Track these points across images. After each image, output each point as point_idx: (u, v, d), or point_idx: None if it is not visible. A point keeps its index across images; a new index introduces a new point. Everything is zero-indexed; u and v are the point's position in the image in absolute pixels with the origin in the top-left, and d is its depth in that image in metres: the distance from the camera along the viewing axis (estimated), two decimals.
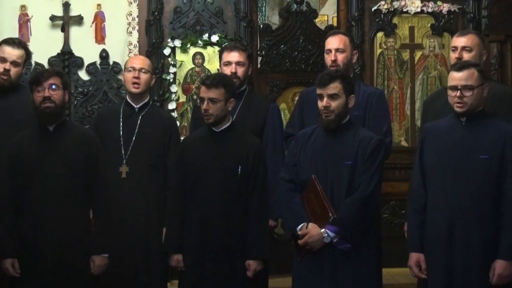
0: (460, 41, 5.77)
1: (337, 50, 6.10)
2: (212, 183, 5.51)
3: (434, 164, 5.08)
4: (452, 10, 8.28)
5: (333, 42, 6.16)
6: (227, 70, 6.22)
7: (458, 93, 4.92)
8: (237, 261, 5.47)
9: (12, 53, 6.14)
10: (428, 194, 5.10)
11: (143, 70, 6.20)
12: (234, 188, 5.50)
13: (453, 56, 5.75)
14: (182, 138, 6.37)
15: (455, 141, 5.00)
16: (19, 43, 6.35)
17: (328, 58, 6.12)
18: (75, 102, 7.79)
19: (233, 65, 6.24)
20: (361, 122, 5.75)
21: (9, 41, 6.29)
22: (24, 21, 7.96)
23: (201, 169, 5.54)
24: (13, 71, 6.13)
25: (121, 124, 6.22)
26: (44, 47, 7.94)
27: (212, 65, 7.81)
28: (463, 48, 5.69)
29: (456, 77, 4.96)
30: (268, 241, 5.69)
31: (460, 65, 5.09)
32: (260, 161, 5.59)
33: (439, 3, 8.27)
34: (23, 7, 7.95)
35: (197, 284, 5.53)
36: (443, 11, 8.27)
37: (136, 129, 6.19)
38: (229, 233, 5.48)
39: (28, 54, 6.31)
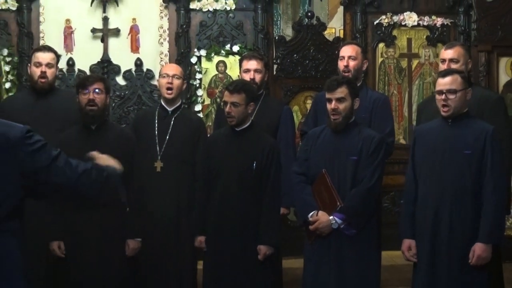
0: (447, 53, 5.77)
1: (349, 57, 6.12)
2: (230, 176, 5.56)
3: (424, 159, 5.14)
4: (445, 23, 8.28)
5: (347, 50, 6.19)
6: (247, 77, 6.24)
7: (443, 96, 4.98)
8: (250, 245, 5.51)
9: (45, 56, 6.17)
10: (418, 186, 5.15)
11: (175, 76, 6.23)
12: (249, 181, 5.53)
13: (443, 67, 5.76)
14: None
15: (442, 139, 5.05)
16: (49, 48, 6.41)
17: (341, 64, 6.14)
18: (113, 104, 7.81)
19: (252, 72, 6.26)
20: (368, 123, 5.78)
21: (40, 48, 6.39)
22: (68, 33, 7.99)
23: (222, 163, 5.60)
24: (49, 72, 6.16)
25: (156, 124, 6.23)
26: (86, 56, 7.98)
27: (234, 72, 7.82)
28: (451, 60, 5.70)
29: (441, 83, 5.03)
30: (278, 228, 5.72)
31: (445, 72, 5.17)
32: (274, 158, 5.60)
33: (433, 17, 8.27)
34: (67, 20, 7.99)
35: (216, 264, 5.59)
36: (437, 25, 8.28)
37: (170, 129, 6.19)
38: (244, 221, 5.52)
39: (57, 56, 6.34)
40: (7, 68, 7.75)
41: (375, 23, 8.30)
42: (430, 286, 5.05)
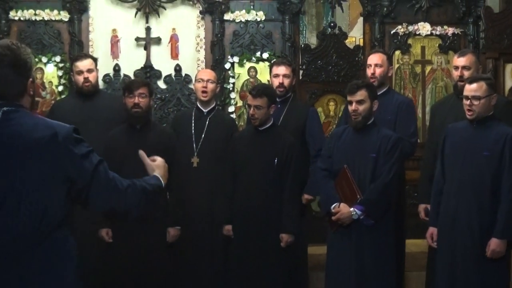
0: (460, 61, 5.72)
1: (376, 65, 6.10)
2: (253, 171, 5.60)
3: (448, 156, 5.13)
4: (456, 33, 8.22)
5: (373, 59, 6.17)
6: (276, 81, 6.27)
7: (469, 102, 4.94)
8: (273, 233, 5.54)
9: (83, 64, 6.23)
10: (444, 180, 5.15)
11: (210, 81, 6.27)
12: (270, 176, 5.57)
13: (456, 73, 5.73)
14: None
15: (466, 139, 5.03)
16: (85, 55, 6.49)
17: (369, 71, 6.13)
18: (155, 106, 7.81)
19: (281, 77, 6.28)
20: (393, 124, 5.77)
21: (78, 58, 6.42)
22: (114, 41, 8.02)
23: (246, 159, 5.64)
24: (91, 76, 6.23)
25: (193, 124, 6.27)
26: (131, 62, 7.99)
27: (263, 77, 7.80)
28: (463, 67, 5.67)
29: (468, 89, 4.98)
30: (298, 218, 5.75)
31: (472, 79, 5.10)
32: (293, 154, 5.64)
33: (445, 27, 8.21)
34: (114, 30, 8.01)
35: (241, 250, 5.63)
36: (448, 34, 8.22)
37: (205, 128, 6.23)
38: (267, 211, 5.55)
39: (95, 60, 6.41)
40: (60, 73, 7.80)
41: (391, 32, 8.26)
42: (450, 273, 5.05)
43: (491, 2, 8.22)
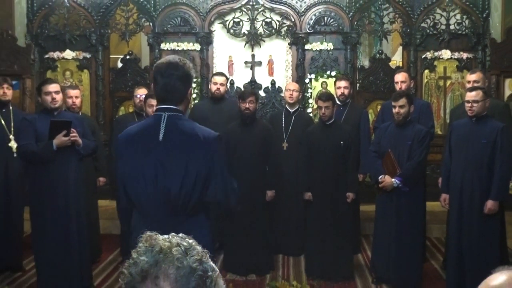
0: (471, 77, 5.65)
1: (402, 82, 6.04)
2: (325, 152, 5.58)
3: (455, 144, 5.06)
4: (469, 57, 8.03)
5: (399, 77, 6.11)
6: (338, 91, 6.32)
7: (470, 105, 4.89)
8: (341, 193, 5.54)
9: (219, 79, 6.35)
10: (451, 161, 5.08)
11: (295, 91, 6.34)
12: (338, 154, 5.56)
13: (468, 85, 5.62)
14: None
15: (468, 132, 4.95)
16: (222, 73, 6.56)
17: (397, 87, 6.05)
18: (258, 108, 7.91)
19: (342, 88, 6.32)
20: (417, 120, 5.71)
21: (217, 74, 6.53)
22: (230, 64, 8.14)
23: (318, 144, 5.61)
24: (222, 88, 6.34)
25: (283, 120, 6.34)
26: (241, 78, 8.11)
27: (332, 89, 7.78)
28: (474, 81, 5.57)
29: (469, 95, 4.94)
30: (358, 182, 5.79)
31: (472, 88, 5.07)
32: (352, 140, 5.64)
33: (461, 53, 8.03)
34: (230, 56, 8.13)
35: (319, 208, 5.61)
36: (463, 58, 8.04)
37: (291, 123, 6.30)
38: (336, 179, 5.54)
39: (227, 78, 6.50)
40: (194, 85, 7.99)
41: (422, 57, 8.13)
42: (458, 226, 4.99)
43: (495, 34, 8.00)
